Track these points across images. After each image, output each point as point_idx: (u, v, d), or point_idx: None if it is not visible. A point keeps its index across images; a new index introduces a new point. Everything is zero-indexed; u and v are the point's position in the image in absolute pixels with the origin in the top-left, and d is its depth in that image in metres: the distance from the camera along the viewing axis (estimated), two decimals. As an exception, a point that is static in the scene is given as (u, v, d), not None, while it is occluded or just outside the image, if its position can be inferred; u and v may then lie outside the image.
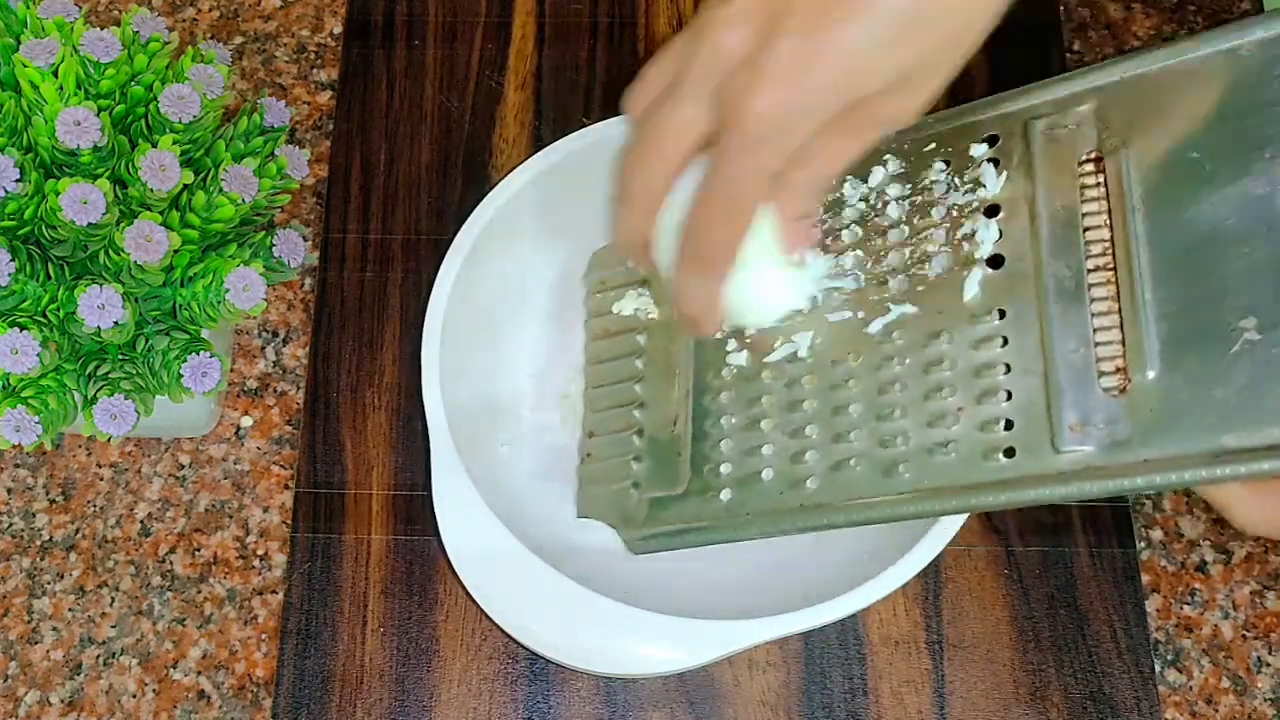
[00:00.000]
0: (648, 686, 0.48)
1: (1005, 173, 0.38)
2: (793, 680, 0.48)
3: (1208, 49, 0.35)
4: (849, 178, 0.42)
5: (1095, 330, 0.35)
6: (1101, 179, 0.36)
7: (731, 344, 0.43)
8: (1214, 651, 0.49)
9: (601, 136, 0.47)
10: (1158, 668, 0.48)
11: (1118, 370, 0.34)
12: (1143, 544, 0.51)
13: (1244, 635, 0.49)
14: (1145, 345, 0.33)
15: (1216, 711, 0.48)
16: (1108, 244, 0.35)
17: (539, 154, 0.47)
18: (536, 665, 0.48)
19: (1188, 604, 0.50)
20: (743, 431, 0.41)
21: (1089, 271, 0.35)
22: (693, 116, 0.35)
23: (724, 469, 0.41)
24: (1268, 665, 0.49)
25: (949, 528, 0.40)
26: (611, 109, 0.58)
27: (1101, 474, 0.33)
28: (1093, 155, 0.36)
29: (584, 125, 0.48)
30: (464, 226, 0.46)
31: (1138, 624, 0.49)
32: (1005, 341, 0.36)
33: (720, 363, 0.43)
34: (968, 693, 0.48)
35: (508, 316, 0.50)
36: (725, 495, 0.41)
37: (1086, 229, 0.36)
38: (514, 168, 0.47)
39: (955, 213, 0.39)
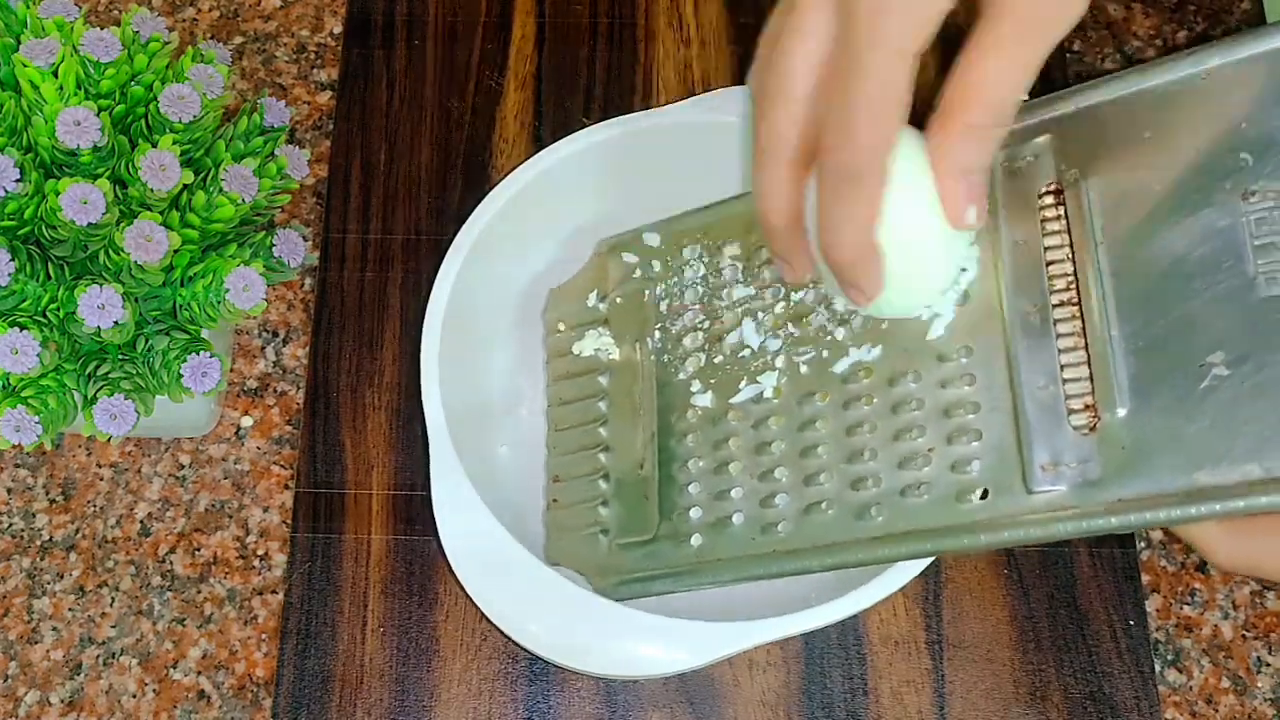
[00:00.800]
0: (648, 686, 0.48)
1: None
2: (793, 680, 0.48)
3: (1164, 78, 0.34)
4: None
5: (1063, 367, 0.34)
6: (1062, 211, 0.35)
7: (696, 385, 0.42)
8: (1214, 651, 0.49)
9: (603, 137, 0.47)
10: (1158, 668, 0.48)
11: (1087, 408, 0.33)
12: (1143, 544, 0.51)
13: (1244, 635, 0.49)
14: (1113, 382, 0.33)
15: (1216, 711, 0.48)
16: (1071, 278, 0.34)
17: (540, 154, 0.47)
18: (536, 665, 0.48)
19: (1188, 604, 0.50)
20: (711, 475, 0.41)
21: (1054, 306, 0.34)
22: (816, 20, 0.31)
23: (693, 513, 0.41)
24: (1268, 665, 0.49)
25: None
26: (611, 109, 0.58)
27: (1075, 514, 0.32)
28: (1052, 187, 0.36)
29: (584, 125, 0.48)
30: (464, 227, 0.46)
31: (1138, 624, 0.49)
32: (973, 380, 0.36)
33: (685, 404, 0.42)
34: (968, 693, 0.48)
35: (508, 318, 0.50)
36: (695, 540, 0.40)
37: (1049, 263, 0.35)
38: (514, 168, 0.47)
39: None
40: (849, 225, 0.33)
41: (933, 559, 0.40)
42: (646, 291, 0.45)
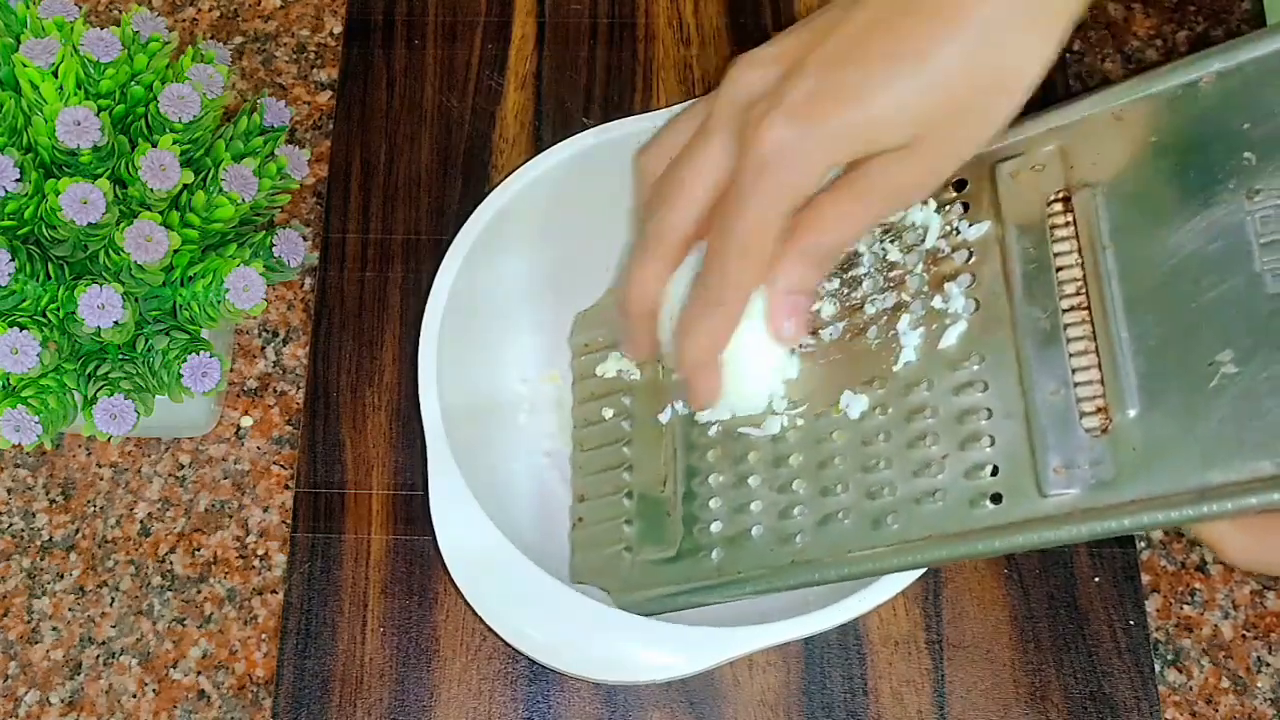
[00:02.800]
0: (648, 687, 0.48)
1: (975, 217, 0.38)
2: (793, 680, 0.48)
3: (1167, 84, 0.35)
4: None
5: (1074, 370, 0.34)
6: (1070, 218, 0.36)
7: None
8: (1214, 651, 0.49)
9: (604, 139, 0.47)
10: (1158, 668, 0.48)
11: (1098, 410, 0.34)
12: (1143, 544, 0.51)
13: (1244, 635, 0.49)
14: (1124, 383, 0.33)
15: (1216, 711, 0.48)
16: (1080, 283, 0.35)
17: (540, 155, 0.47)
18: (536, 665, 0.48)
19: (1188, 604, 0.50)
20: (731, 489, 0.41)
21: (1064, 311, 0.35)
22: (717, 153, 0.35)
23: (714, 527, 0.41)
24: (1268, 665, 0.49)
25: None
26: (612, 109, 0.58)
27: (1089, 516, 0.33)
28: (1061, 195, 0.36)
29: (584, 125, 0.48)
30: (464, 227, 0.46)
31: (1138, 624, 0.49)
32: (985, 386, 0.36)
33: (705, 422, 0.42)
34: (968, 693, 0.48)
35: (506, 319, 0.50)
36: (716, 555, 0.41)
37: (1059, 269, 0.36)
38: (514, 168, 0.47)
39: (928, 259, 0.39)
40: (704, 339, 0.37)
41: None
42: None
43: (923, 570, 0.40)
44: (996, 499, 0.35)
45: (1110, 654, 0.48)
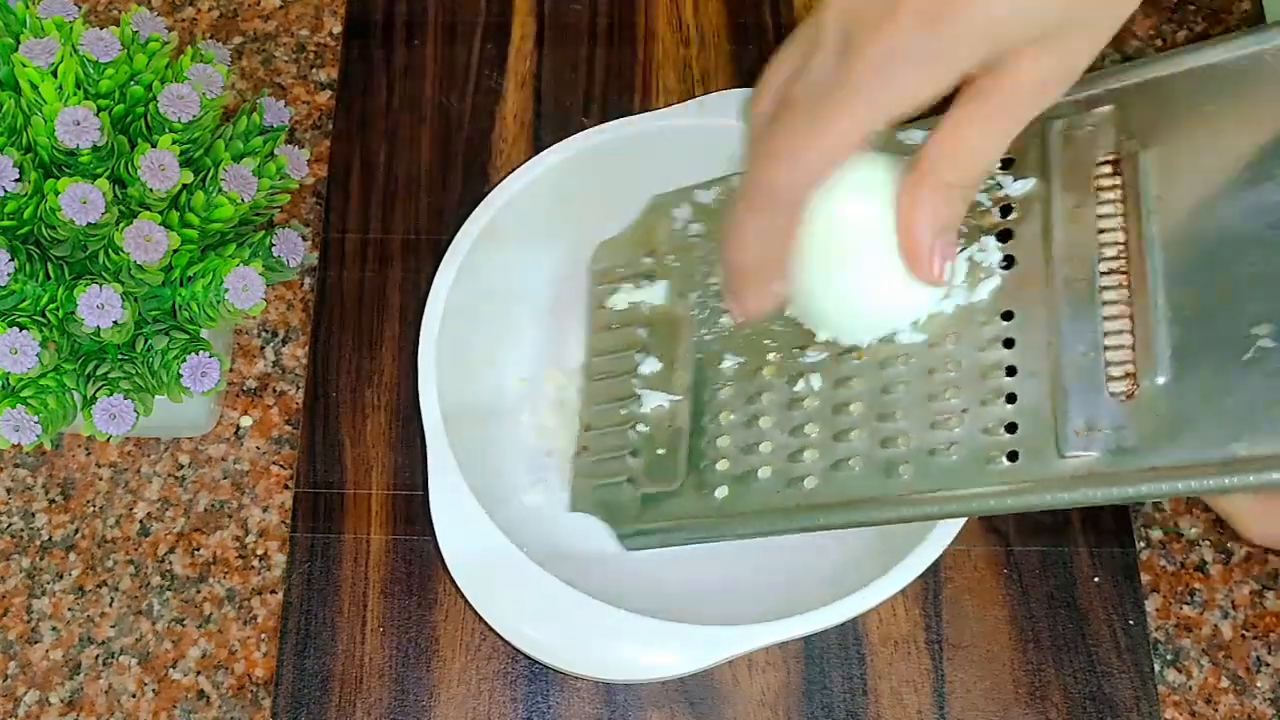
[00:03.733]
0: (647, 687, 0.48)
1: (1020, 172, 0.38)
2: (792, 680, 0.48)
3: (1231, 54, 0.34)
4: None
5: (1106, 334, 0.34)
6: (1119, 180, 0.35)
7: (733, 340, 0.42)
8: (1214, 651, 0.49)
9: (603, 139, 0.47)
10: (1157, 668, 0.48)
11: (1127, 375, 0.33)
12: (1142, 544, 0.51)
13: (1244, 635, 0.49)
14: (1155, 350, 0.33)
15: (1216, 711, 0.48)
16: (1122, 247, 0.34)
17: (540, 155, 0.47)
18: (536, 665, 0.48)
19: (1187, 604, 0.50)
20: (742, 428, 0.41)
21: (1102, 274, 0.35)
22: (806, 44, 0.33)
23: (720, 465, 0.41)
24: (1267, 665, 0.49)
25: (949, 530, 0.40)
26: (611, 109, 0.58)
27: (1106, 480, 0.32)
28: (1111, 157, 0.36)
29: (584, 125, 0.48)
30: (464, 227, 0.46)
31: (1137, 624, 0.49)
32: (1012, 343, 0.36)
33: (720, 359, 0.42)
34: (967, 693, 0.48)
35: (506, 319, 0.50)
36: (720, 492, 0.40)
37: (1101, 231, 0.35)
38: (514, 168, 0.47)
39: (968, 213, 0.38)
40: (757, 239, 0.34)
41: (937, 557, 0.40)
42: (695, 247, 0.45)
43: (928, 563, 0.40)
44: (1013, 457, 0.34)
45: (1110, 654, 0.48)
